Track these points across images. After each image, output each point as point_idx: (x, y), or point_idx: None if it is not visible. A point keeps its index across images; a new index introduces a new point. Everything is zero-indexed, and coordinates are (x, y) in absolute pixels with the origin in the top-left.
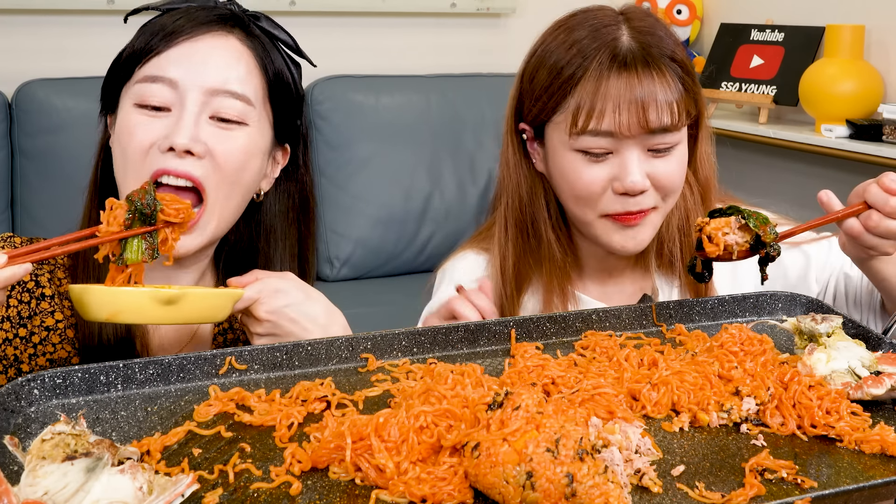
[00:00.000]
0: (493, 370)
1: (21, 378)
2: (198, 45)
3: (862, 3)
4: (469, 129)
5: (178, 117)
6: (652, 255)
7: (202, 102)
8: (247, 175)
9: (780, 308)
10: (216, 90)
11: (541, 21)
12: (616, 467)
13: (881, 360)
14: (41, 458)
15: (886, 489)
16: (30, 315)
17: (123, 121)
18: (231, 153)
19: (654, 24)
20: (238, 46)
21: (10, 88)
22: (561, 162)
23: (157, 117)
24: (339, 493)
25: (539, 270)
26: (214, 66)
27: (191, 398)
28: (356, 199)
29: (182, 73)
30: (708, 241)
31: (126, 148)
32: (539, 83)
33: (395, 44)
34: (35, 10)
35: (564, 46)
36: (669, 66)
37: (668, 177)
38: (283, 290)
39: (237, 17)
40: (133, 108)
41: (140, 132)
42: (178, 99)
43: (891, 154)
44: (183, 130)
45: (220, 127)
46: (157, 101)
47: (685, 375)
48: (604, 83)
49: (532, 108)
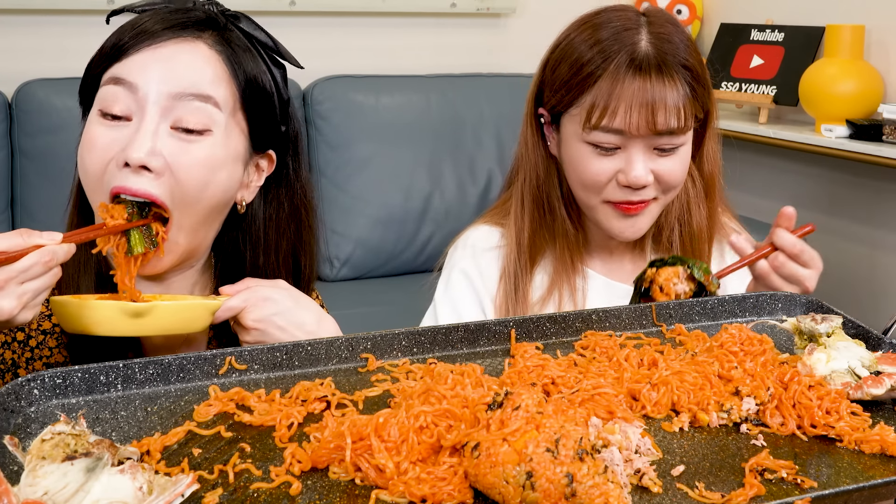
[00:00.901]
0: (493, 370)
1: (21, 378)
2: (162, 49)
3: (862, 3)
4: (469, 129)
5: (136, 128)
6: (649, 240)
7: (164, 108)
8: (212, 188)
9: (780, 308)
10: (180, 94)
11: (541, 21)
12: (616, 467)
13: (881, 360)
14: (41, 458)
15: (886, 489)
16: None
17: (87, 130)
18: (192, 167)
19: (672, 31)
20: (206, 51)
21: (10, 88)
22: (572, 151)
23: (116, 126)
24: (339, 493)
25: (552, 244)
26: (179, 70)
27: (191, 398)
28: (356, 199)
29: (144, 78)
30: (659, 291)
31: (85, 161)
32: (560, 76)
33: (395, 44)
34: (35, 10)
35: (587, 44)
36: (681, 72)
37: (670, 174)
38: (272, 299)
39: (212, 19)
40: (96, 115)
41: (98, 145)
42: (138, 107)
43: (891, 154)
44: (139, 143)
45: (182, 138)
46: (118, 110)
47: (685, 375)
48: (619, 84)
49: (551, 98)
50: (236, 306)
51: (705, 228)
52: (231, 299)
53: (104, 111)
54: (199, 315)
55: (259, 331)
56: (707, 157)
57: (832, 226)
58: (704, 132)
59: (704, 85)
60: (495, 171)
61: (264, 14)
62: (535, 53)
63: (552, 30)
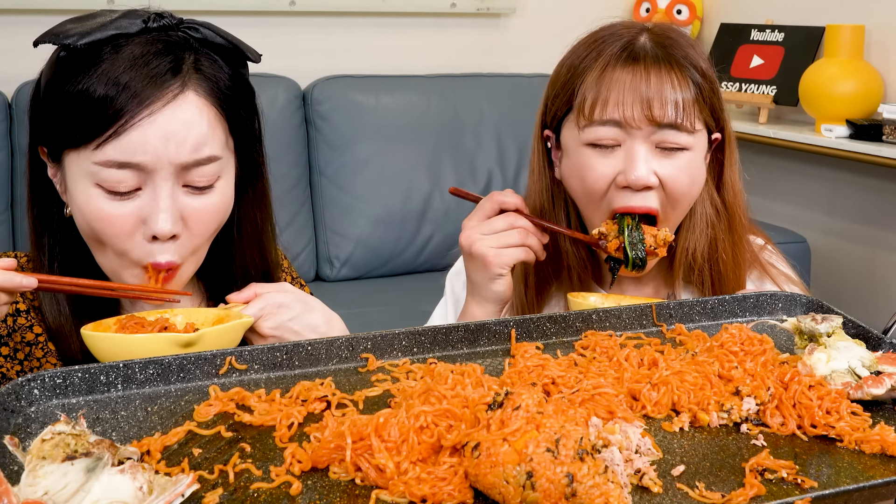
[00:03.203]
0: (493, 370)
1: (21, 378)
2: (158, 118)
3: (862, 3)
4: (469, 129)
5: (152, 198)
6: (679, 282)
7: (174, 176)
8: (222, 221)
9: (780, 308)
10: (186, 164)
11: (541, 21)
12: (616, 467)
13: (881, 360)
14: (41, 458)
15: (886, 489)
16: (9, 332)
17: (90, 202)
18: (206, 217)
19: (677, 35)
20: (196, 101)
21: (10, 88)
22: (573, 159)
23: (126, 201)
24: (339, 493)
25: (558, 278)
26: (180, 137)
27: (191, 398)
28: (356, 199)
29: (150, 157)
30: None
31: (104, 233)
32: (557, 81)
33: (395, 44)
34: (35, 10)
35: (584, 45)
36: (683, 66)
37: (674, 178)
38: (286, 305)
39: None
40: (97, 190)
41: (116, 222)
42: (147, 177)
43: (891, 154)
44: (164, 216)
45: (194, 194)
46: (124, 188)
47: (685, 375)
48: (609, 72)
49: (551, 108)
50: (255, 314)
51: (732, 263)
52: (248, 308)
53: (111, 190)
54: (237, 334)
55: (275, 338)
56: (728, 187)
57: (832, 226)
58: (723, 160)
59: (716, 92)
60: (495, 171)
61: (264, 14)
62: (535, 53)
63: (552, 30)
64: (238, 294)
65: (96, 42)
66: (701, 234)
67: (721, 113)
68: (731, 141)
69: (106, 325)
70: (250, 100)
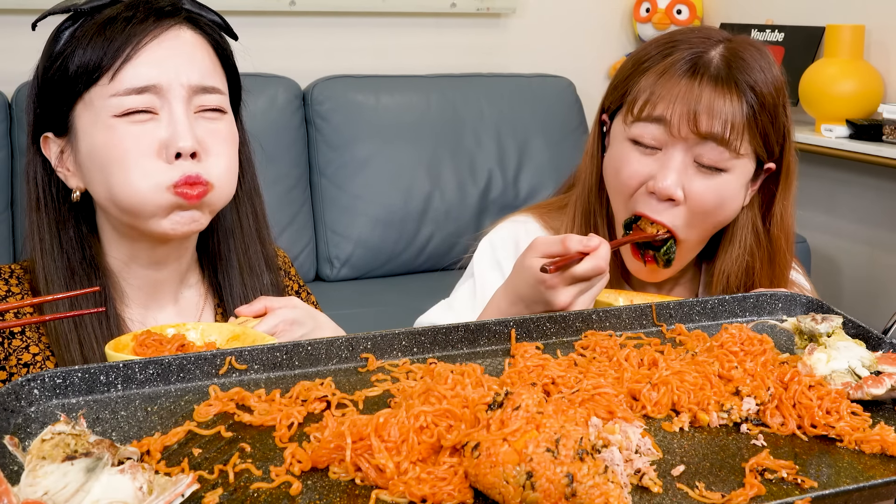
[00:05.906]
0: (493, 370)
1: (21, 378)
2: (163, 44)
3: (862, 3)
4: (469, 129)
5: (170, 120)
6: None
7: (186, 101)
8: (234, 152)
9: (780, 308)
10: (196, 88)
11: (541, 21)
12: (616, 467)
13: (881, 360)
14: (41, 458)
15: (886, 489)
16: (5, 356)
17: (114, 136)
18: (221, 137)
19: (752, 58)
20: (195, 37)
21: (10, 88)
22: (615, 151)
23: (147, 123)
24: (339, 493)
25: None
26: (188, 58)
27: (191, 398)
28: (356, 199)
29: (164, 76)
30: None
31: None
32: (622, 72)
33: (395, 44)
34: (35, 10)
35: (656, 44)
36: (743, 89)
37: (700, 195)
38: (298, 321)
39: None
40: (115, 119)
41: (142, 142)
42: (163, 103)
43: (891, 154)
44: (182, 131)
45: (207, 119)
46: (144, 116)
47: (685, 375)
48: (667, 77)
49: (610, 96)
50: (269, 332)
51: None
52: (261, 325)
53: (132, 112)
54: None
55: None
56: (775, 219)
57: (832, 226)
58: (776, 188)
59: (774, 124)
60: (495, 171)
61: (264, 14)
62: (535, 53)
63: (552, 30)
64: (248, 307)
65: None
66: (737, 259)
67: (777, 146)
68: (791, 175)
69: (124, 343)
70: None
